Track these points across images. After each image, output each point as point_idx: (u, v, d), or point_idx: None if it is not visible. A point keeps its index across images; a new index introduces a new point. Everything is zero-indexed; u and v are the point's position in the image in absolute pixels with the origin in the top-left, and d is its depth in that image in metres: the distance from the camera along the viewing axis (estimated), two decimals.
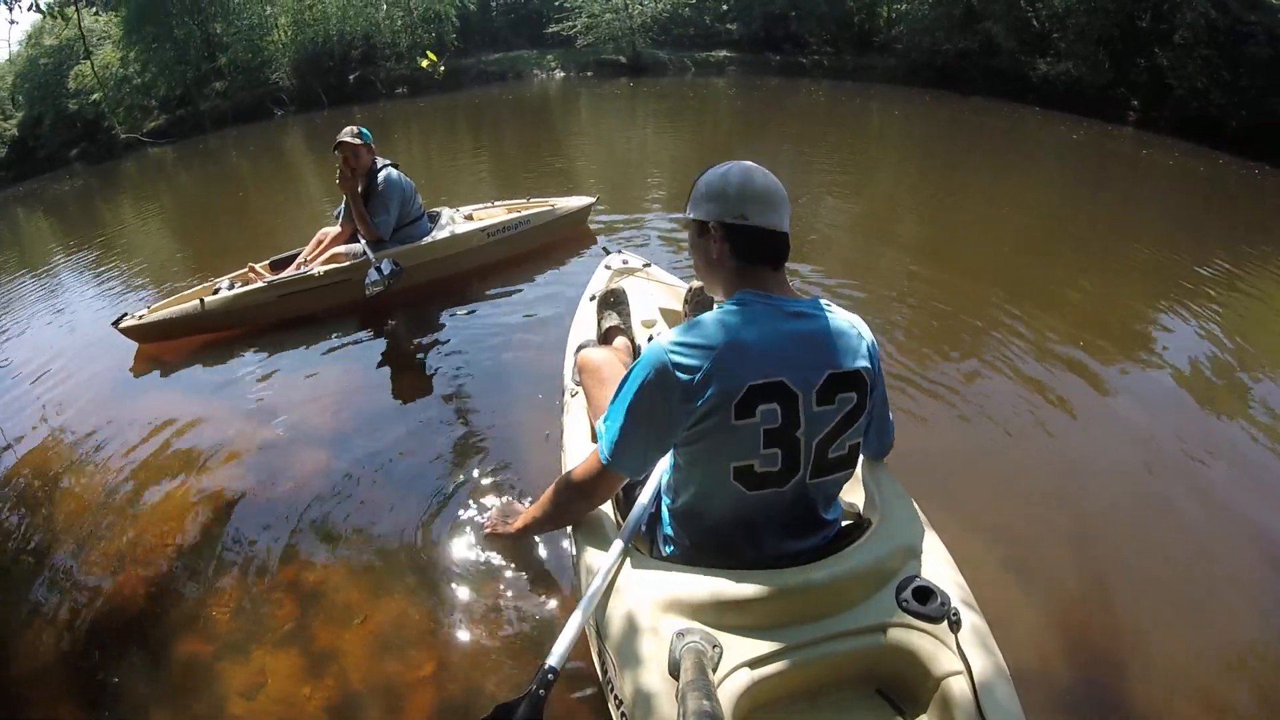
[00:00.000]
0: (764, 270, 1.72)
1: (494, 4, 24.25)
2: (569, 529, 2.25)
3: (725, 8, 22.09)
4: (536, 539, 2.74)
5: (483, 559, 2.76)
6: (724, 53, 21.04)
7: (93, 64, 16.53)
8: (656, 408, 1.64)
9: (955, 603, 1.62)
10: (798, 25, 20.30)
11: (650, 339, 2.81)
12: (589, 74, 20.83)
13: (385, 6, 19.11)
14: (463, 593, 2.63)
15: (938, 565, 1.78)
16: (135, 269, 6.91)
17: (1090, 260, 6.47)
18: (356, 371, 4.43)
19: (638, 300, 3.32)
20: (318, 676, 2.37)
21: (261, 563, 2.88)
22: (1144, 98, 14.30)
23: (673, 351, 1.61)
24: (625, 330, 2.93)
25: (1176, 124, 13.29)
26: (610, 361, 2.43)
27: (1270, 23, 13.21)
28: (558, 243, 6.10)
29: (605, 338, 2.94)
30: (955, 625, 1.56)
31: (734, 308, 1.67)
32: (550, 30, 22.22)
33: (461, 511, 3.01)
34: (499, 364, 4.37)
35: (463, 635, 2.48)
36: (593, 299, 3.41)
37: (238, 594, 2.73)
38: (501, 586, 2.64)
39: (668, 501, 1.88)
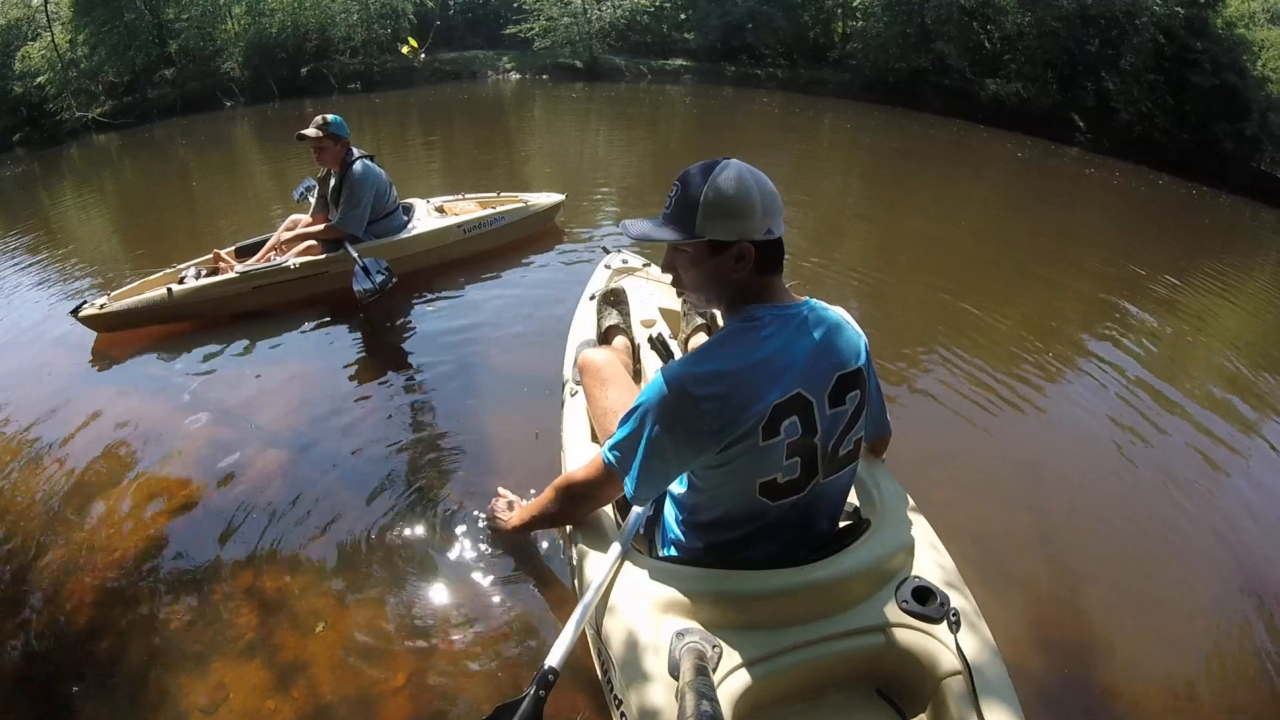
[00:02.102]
0: (771, 278, 1.67)
1: (451, 2, 24.09)
2: (567, 529, 2.23)
3: (683, 17, 22.16)
4: (534, 541, 2.71)
5: (465, 560, 2.71)
6: (680, 61, 21.06)
7: (53, 36, 15.93)
8: (680, 443, 1.61)
9: (954, 603, 1.65)
10: (754, 37, 20.44)
11: (650, 339, 2.81)
12: (545, 77, 20.76)
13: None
14: (444, 596, 2.58)
15: (937, 565, 1.80)
16: (82, 258, 6.55)
17: (1037, 267, 6.73)
18: (323, 366, 4.30)
19: (637, 300, 3.31)
20: (284, 689, 2.28)
21: (219, 569, 2.75)
22: (1090, 120, 14.72)
23: (692, 383, 1.57)
24: (625, 330, 2.92)
25: (1120, 146, 13.73)
26: (611, 362, 2.42)
27: (1215, 51, 13.75)
28: (528, 239, 6.07)
29: (605, 337, 2.94)
30: (955, 625, 1.59)
31: (744, 324, 1.63)
32: (507, 32, 22.11)
33: (441, 511, 2.96)
34: (473, 360, 4.30)
35: (445, 640, 2.42)
36: (592, 298, 3.39)
37: (195, 603, 2.61)
38: (489, 588, 2.59)
39: (681, 515, 1.85)
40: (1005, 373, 4.39)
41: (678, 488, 1.83)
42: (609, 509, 2.10)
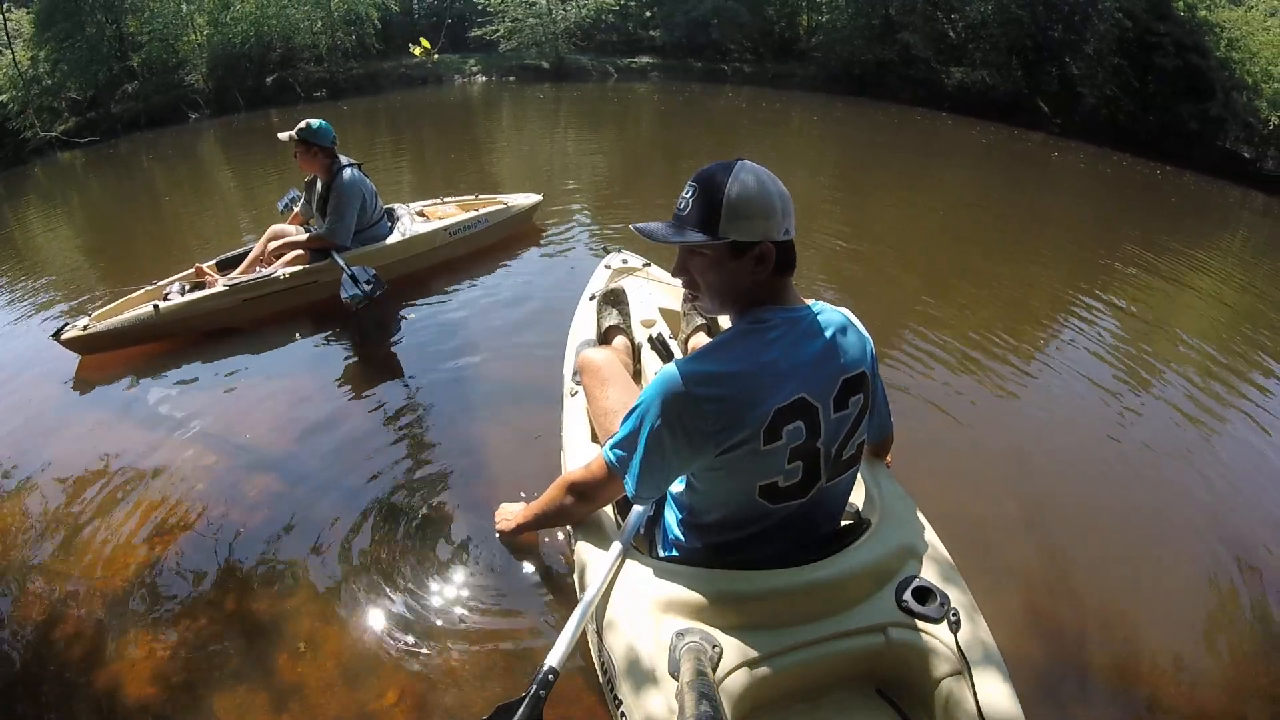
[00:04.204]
0: (784, 279, 1.66)
1: (416, 6, 23.94)
2: (569, 529, 2.23)
3: (648, 15, 22.15)
4: (533, 541, 2.71)
5: (464, 563, 2.71)
6: (646, 59, 21.05)
7: (14, 53, 15.62)
8: (679, 442, 1.60)
9: (955, 603, 1.65)
10: (719, 33, 20.49)
11: (650, 339, 2.82)
12: (511, 79, 20.65)
13: (305, 7, 18.66)
14: (444, 600, 2.58)
15: (937, 565, 1.81)
16: (56, 279, 6.33)
17: (1008, 252, 6.86)
18: (313, 380, 4.22)
19: (637, 300, 3.31)
20: (277, 713, 2.25)
21: (209, 594, 2.71)
22: (1055, 104, 14.91)
23: (694, 383, 1.56)
24: (625, 330, 2.92)
25: (1085, 129, 13.90)
26: (611, 361, 2.42)
27: (1178, 33, 13.99)
28: (507, 240, 6.09)
29: (605, 337, 2.93)
30: (955, 625, 1.59)
31: (751, 327, 1.62)
32: (473, 35, 22.00)
33: (439, 518, 2.95)
34: (466, 364, 4.28)
35: (446, 644, 2.41)
36: (592, 298, 3.39)
37: (185, 630, 2.57)
38: (488, 589, 2.60)
39: (680, 515, 1.85)
40: (982, 358, 4.45)
41: (677, 487, 1.83)
42: (609, 509, 2.10)
